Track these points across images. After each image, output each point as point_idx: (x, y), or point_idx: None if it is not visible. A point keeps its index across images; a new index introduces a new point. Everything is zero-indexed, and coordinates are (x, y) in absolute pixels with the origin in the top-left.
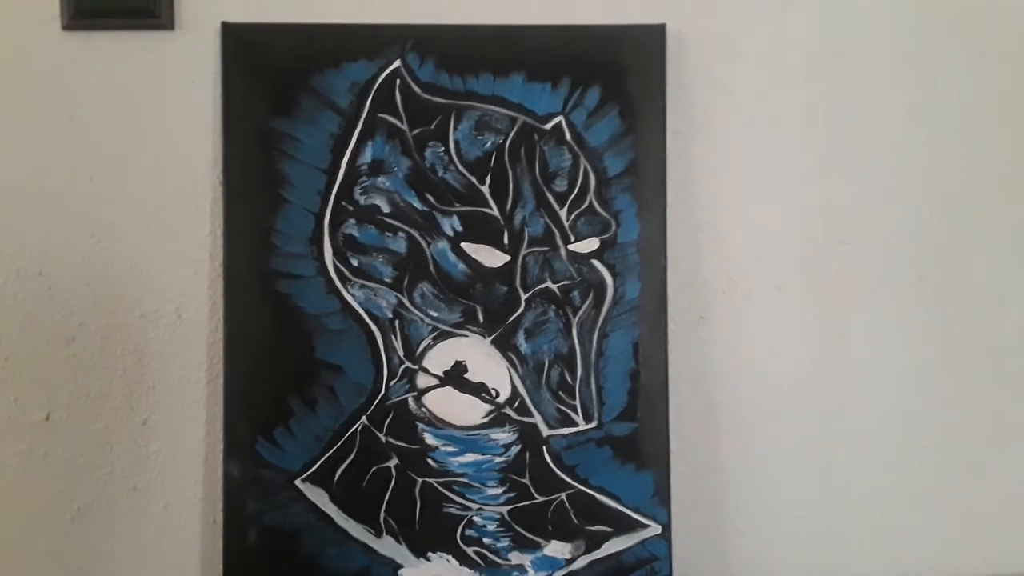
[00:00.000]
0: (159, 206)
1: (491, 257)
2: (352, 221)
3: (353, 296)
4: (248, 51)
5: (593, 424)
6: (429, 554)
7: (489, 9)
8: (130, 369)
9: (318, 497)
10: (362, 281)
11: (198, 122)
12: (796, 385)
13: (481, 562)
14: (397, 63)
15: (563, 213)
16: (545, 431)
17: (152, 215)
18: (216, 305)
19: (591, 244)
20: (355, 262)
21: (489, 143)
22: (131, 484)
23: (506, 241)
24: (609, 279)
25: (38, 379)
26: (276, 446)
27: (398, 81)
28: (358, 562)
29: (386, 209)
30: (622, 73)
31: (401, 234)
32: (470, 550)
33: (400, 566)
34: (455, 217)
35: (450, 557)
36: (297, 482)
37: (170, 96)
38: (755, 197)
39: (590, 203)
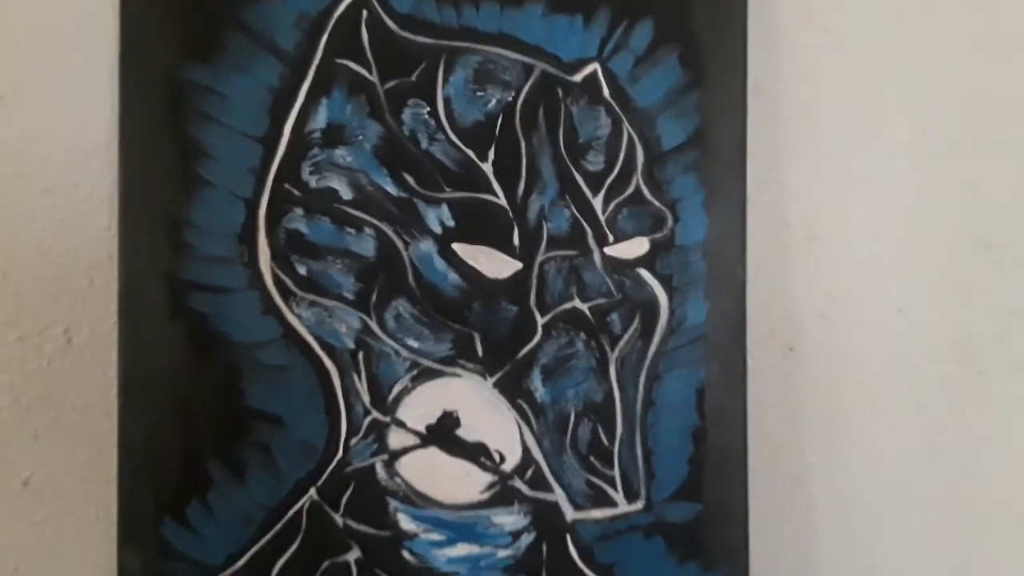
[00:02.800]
0: (42, 189)
1: (495, 264)
2: (299, 211)
3: (300, 318)
4: None
5: (639, 505)
6: None
7: None
8: (6, 411)
9: None
10: (312, 296)
11: (92, 74)
12: (921, 445)
13: None
14: None
15: (598, 202)
16: (570, 513)
17: (33, 202)
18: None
19: (637, 247)
20: (302, 270)
21: (493, 102)
22: (11, 565)
23: (516, 241)
24: (663, 297)
25: None
26: (189, 529)
27: (365, 13)
28: None
29: (347, 195)
30: (685, 2)
31: (368, 230)
32: None
33: None
34: (444, 206)
35: None
36: None
37: (58, 39)
38: (868, 183)
39: (636, 188)
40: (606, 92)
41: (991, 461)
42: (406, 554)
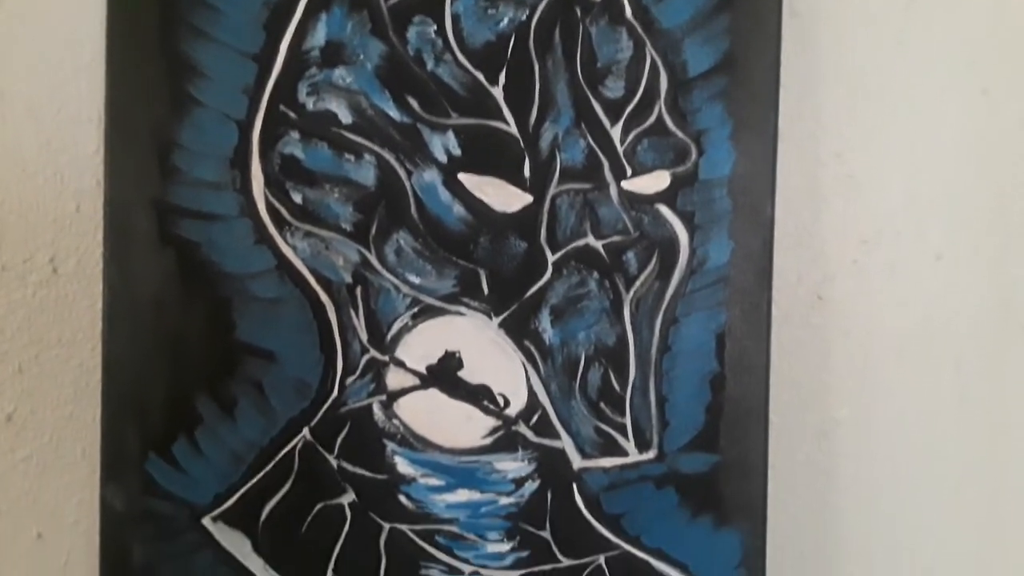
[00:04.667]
0: (26, 109)
1: (503, 196)
2: (295, 135)
3: (294, 248)
4: None
5: (650, 454)
6: None
7: None
8: None
9: (236, 544)
10: (308, 226)
11: None
12: (955, 402)
13: None
14: None
15: (616, 132)
16: (577, 461)
17: (17, 123)
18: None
19: (658, 181)
20: (298, 197)
21: (505, 20)
22: None
23: (527, 173)
24: (684, 235)
25: None
26: (175, 467)
27: None
28: None
29: (346, 119)
30: None
31: (368, 157)
32: None
33: None
34: (451, 133)
35: None
36: (206, 521)
37: None
38: (910, 118)
39: (658, 117)
40: (628, 12)
41: None
42: (403, 499)
